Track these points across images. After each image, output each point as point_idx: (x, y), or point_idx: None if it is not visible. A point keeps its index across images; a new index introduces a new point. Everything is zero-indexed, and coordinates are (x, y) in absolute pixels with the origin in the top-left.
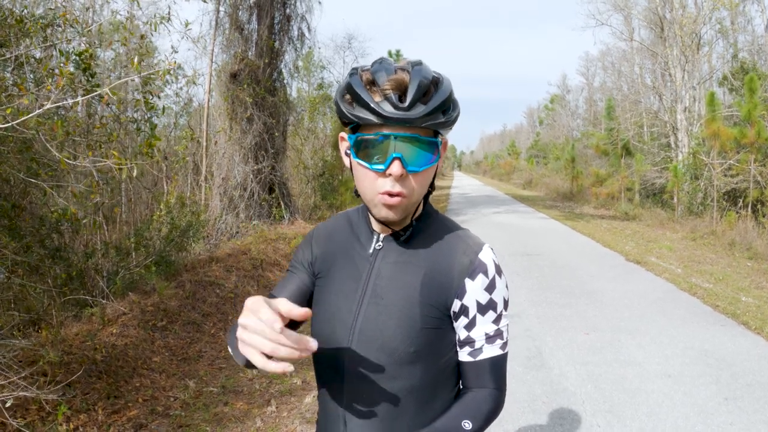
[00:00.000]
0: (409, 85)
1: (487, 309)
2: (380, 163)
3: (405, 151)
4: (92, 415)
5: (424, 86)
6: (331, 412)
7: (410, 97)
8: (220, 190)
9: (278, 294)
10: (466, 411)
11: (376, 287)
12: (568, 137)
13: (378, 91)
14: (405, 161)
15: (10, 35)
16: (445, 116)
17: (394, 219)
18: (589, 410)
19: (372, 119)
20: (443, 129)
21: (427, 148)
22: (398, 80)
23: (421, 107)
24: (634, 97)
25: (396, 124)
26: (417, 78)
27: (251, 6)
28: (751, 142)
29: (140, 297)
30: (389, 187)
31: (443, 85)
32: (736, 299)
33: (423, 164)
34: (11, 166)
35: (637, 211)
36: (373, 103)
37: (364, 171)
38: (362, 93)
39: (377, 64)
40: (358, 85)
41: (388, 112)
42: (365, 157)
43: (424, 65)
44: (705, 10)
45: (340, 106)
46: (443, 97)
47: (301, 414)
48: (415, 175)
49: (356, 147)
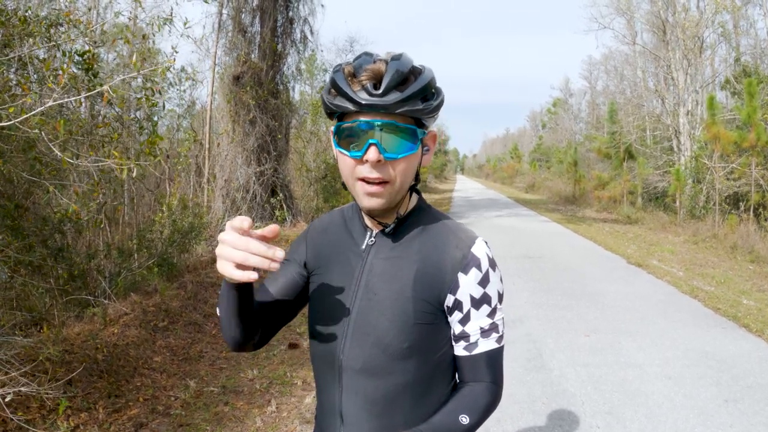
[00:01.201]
0: (384, 73)
1: (482, 303)
2: (357, 150)
3: (382, 137)
4: (93, 413)
5: (401, 74)
6: (328, 407)
7: (384, 83)
8: (222, 192)
9: (269, 285)
10: (463, 405)
11: (368, 283)
12: (570, 141)
13: (357, 81)
14: (381, 147)
15: (14, 35)
16: (424, 104)
17: (378, 207)
18: (589, 411)
19: (349, 107)
20: (423, 117)
21: (405, 136)
22: (375, 69)
23: (396, 94)
24: (637, 100)
25: (372, 111)
26: (393, 67)
27: (254, 9)
28: (752, 145)
29: (142, 297)
30: (366, 173)
31: (423, 74)
32: (738, 302)
33: (401, 152)
34: (15, 165)
35: (639, 215)
36: (351, 92)
37: (344, 159)
38: (343, 84)
39: (359, 58)
40: (341, 78)
41: (363, 98)
42: (345, 145)
43: (404, 56)
44: (707, 13)
45: (324, 98)
46: (421, 85)
47: (301, 414)
48: (393, 163)
49: (337, 136)
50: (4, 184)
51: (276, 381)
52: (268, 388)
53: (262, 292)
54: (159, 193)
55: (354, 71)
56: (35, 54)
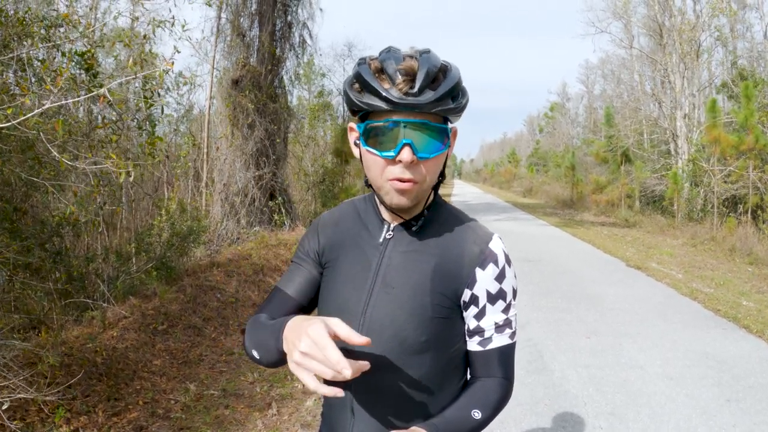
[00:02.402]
0: (418, 71)
1: (497, 298)
2: (390, 149)
3: (415, 137)
4: (92, 417)
5: (433, 73)
6: (337, 402)
7: (419, 82)
8: (221, 196)
9: (285, 287)
10: (476, 400)
11: (386, 276)
12: (568, 145)
13: (387, 78)
14: (415, 147)
15: (13, 36)
16: (455, 102)
17: (406, 205)
18: (591, 412)
19: (382, 105)
20: (453, 115)
21: (436, 135)
22: (407, 67)
23: (430, 93)
24: (634, 104)
25: (405, 110)
26: (426, 65)
27: (253, 13)
28: (750, 148)
29: (141, 301)
30: (399, 173)
31: (452, 72)
32: (737, 303)
33: (433, 151)
34: (14, 166)
35: (637, 218)
36: (383, 90)
37: (373, 158)
38: (371, 80)
39: (385, 53)
40: (367, 73)
41: (398, 97)
42: (375, 144)
43: (432, 53)
44: (704, 17)
45: (349, 94)
46: (452, 83)
47: (302, 417)
48: (425, 162)
49: (366, 135)
50: (2, 187)
51: (277, 384)
52: (268, 391)
53: (283, 300)
54: (158, 197)
55: (382, 66)
56: (35, 55)
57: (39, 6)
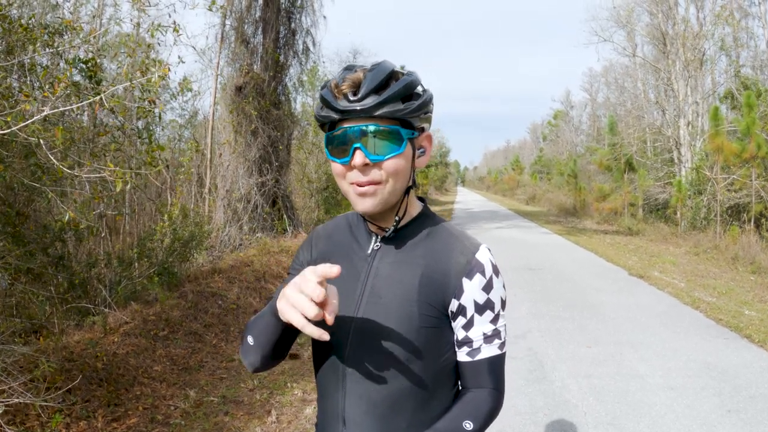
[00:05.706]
0: (363, 80)
1: (485, 309)
2: (345, 156)
3: (365, 141)
4: (92, 422)
5: (379, 79)
6: (330, 411)
7: (363, 89)
8: (224, 202)
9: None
10: (467, 411)
11: (374, 286)
12: (571, 153)
13: (339, 91)
14: (365, 150)
15: (17, 42)
16: (405, 104)
17: (372, 209)
18: (591, 422)
19: (332, 115)
20: (406, 117)
21: (389, 137)
22: (354, 78)
23: (374, 97)
24: (637, 112)
25: (354, 117)
26: (371, 73)
27: (257, 20)
28: (752, 156)
29: (142, 306)
30: (356, 177)
31: (404, 77)
32: (740, 313)
33: (387, 153)
34: (16, 171)
35: (640, 226)
36: (333, 101)
37: (336, 167)
38: (327, 96)
39: (342, 71)
40: (326, 91)
41: (343, 105)
42: (335, 153)
43: (384, 63)
44: (707, 25)
45: (315, 112)
46: (400, 86)
47: (301, 424)
48: (381, 164)
49: (328, 145)
50: (5, 192)
51: (276, 391)
52: (268, 398)
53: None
54: (160, 203)
55: (337, 83)
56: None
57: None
